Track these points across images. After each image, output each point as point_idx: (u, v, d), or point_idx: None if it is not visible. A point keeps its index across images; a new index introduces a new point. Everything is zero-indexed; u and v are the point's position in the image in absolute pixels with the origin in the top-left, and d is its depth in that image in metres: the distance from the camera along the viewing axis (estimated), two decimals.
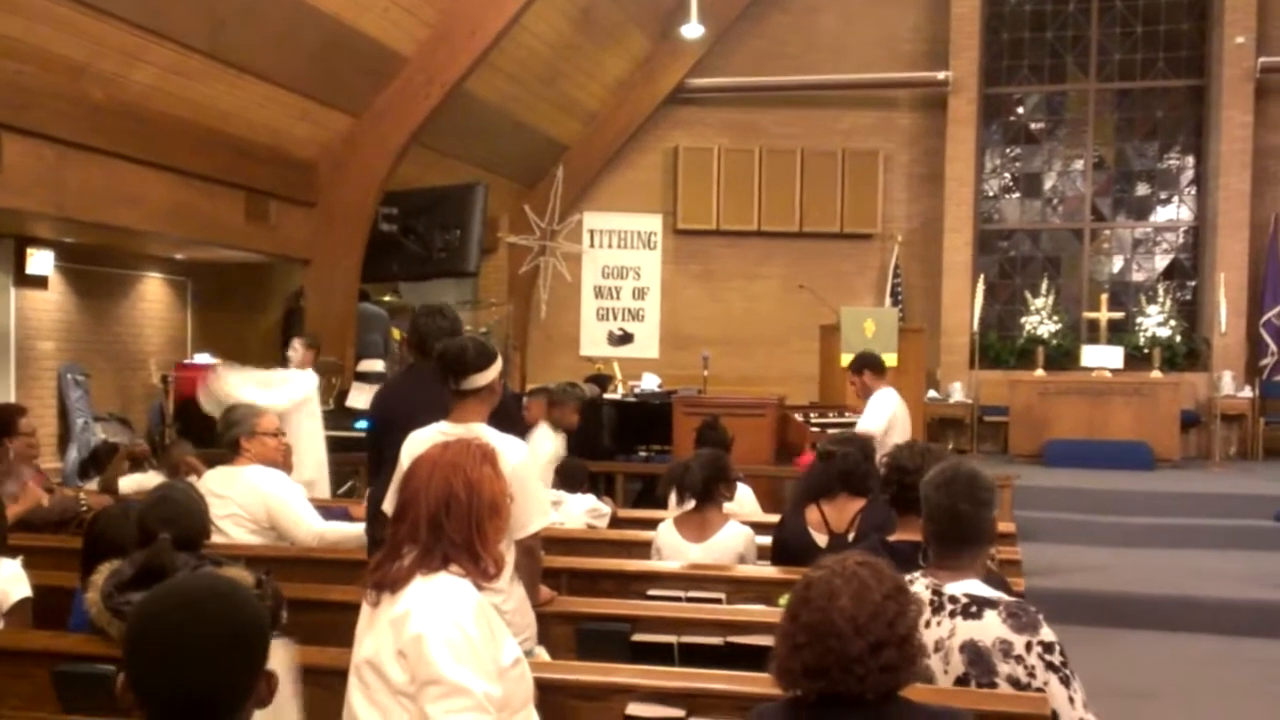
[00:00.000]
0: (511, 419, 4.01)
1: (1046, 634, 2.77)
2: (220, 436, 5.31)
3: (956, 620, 2.80)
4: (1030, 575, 7.45)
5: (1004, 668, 2.74)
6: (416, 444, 3.59)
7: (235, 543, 4.85)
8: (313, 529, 4.98)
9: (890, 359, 10.49)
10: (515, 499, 2.99)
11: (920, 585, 2.89)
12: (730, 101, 14.44)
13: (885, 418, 7.21)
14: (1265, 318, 12.75)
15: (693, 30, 13.07)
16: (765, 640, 3.93)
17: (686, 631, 4.02)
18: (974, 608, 2.80)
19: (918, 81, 13.86)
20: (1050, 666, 2.74)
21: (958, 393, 13.13)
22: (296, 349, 8.30)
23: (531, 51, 11.58)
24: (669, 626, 4.05)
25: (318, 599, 4.09)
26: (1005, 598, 2.85)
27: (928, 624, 2.82)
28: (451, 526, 2.58)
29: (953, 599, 2.83)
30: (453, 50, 9.85)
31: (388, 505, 3.68)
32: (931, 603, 2.84)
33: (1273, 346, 12.72)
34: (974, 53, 13.63)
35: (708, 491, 4.81)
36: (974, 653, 2.76)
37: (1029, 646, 2.74)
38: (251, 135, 9.31)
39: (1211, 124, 13.28)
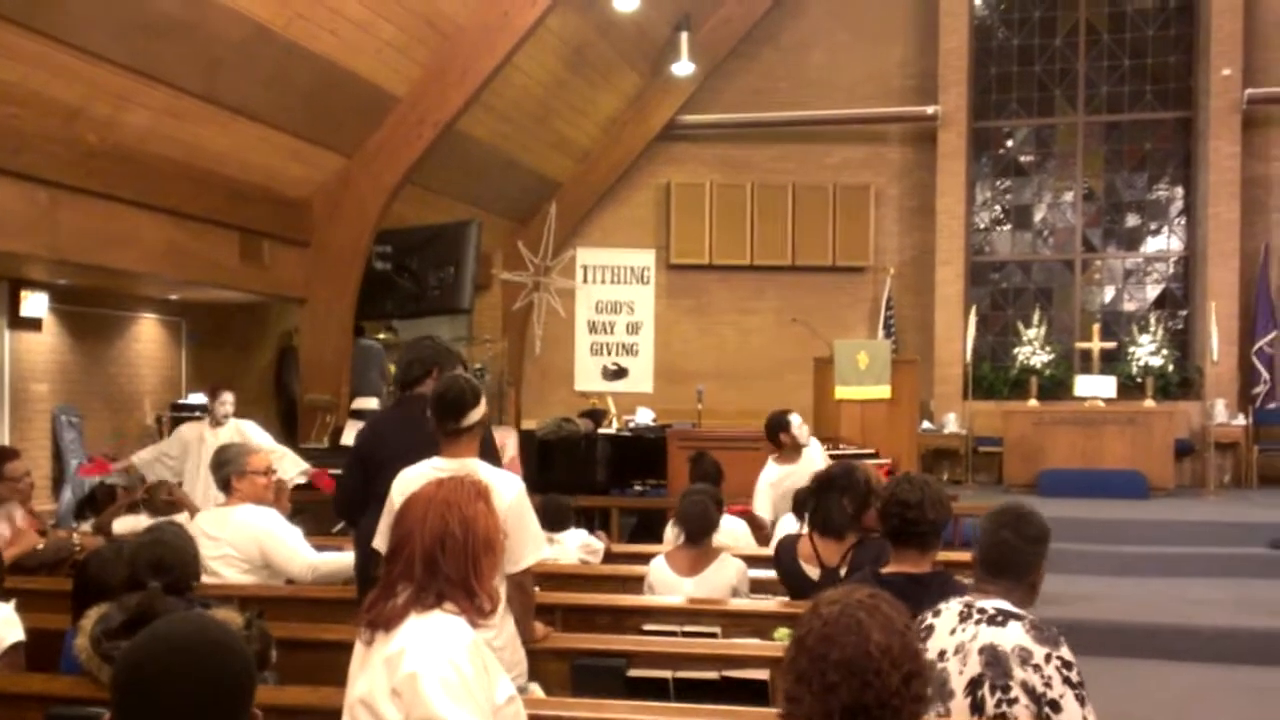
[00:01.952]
0: (492, 454, 4.03)
1: (1066, 652, 2.82)
2: (213, 475, 5.31)
3: (980, 626, 2.87)
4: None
5: (1020, 674, 2.78)
6: (408, 481, 3.61)
7: (227, 583, 4.84)
8: (306, 560, 4.97)
9: (884, 391, 10.59)
10: (510, 534, 2.99)
11: (954, 603, 2.97)
12: (722, 137, 14.55)
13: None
14: (1257, 346, 12.80)
15: (684, 68, 13.21)
16: (761, 674, 3.95)
17: (682, 666, 4.02)
18: (1000, 617, 2.87)
19: (907, 116, 13.98)
20: (1068, 682, 2.77)
21: (952, 424, 13.15)
22: (228, 403, 8.07)
23: (523, 90, 11.68)
24: (664, 661, 4.05)
25: (311, 639, 4.09)
26: (1031, 615, 2.90)
27: (953, 631, 2.90)
28: (447, 564, 2.58)
29: (981, 610, 2.91)
30: (445, 90, 9.93)
31: (379, 542, 3.70)
32: (961, 614, 2.92)
33: (1265, 374, 12.77)
34: (963, 87, 13.75)
35: (698, 526, 4.83)
36: (992, 655, 2.81)
37: (1048, 658, 2.79)
38: (245, 176, 9.37)
39: (1199, 155, 13.38)
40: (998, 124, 14.40)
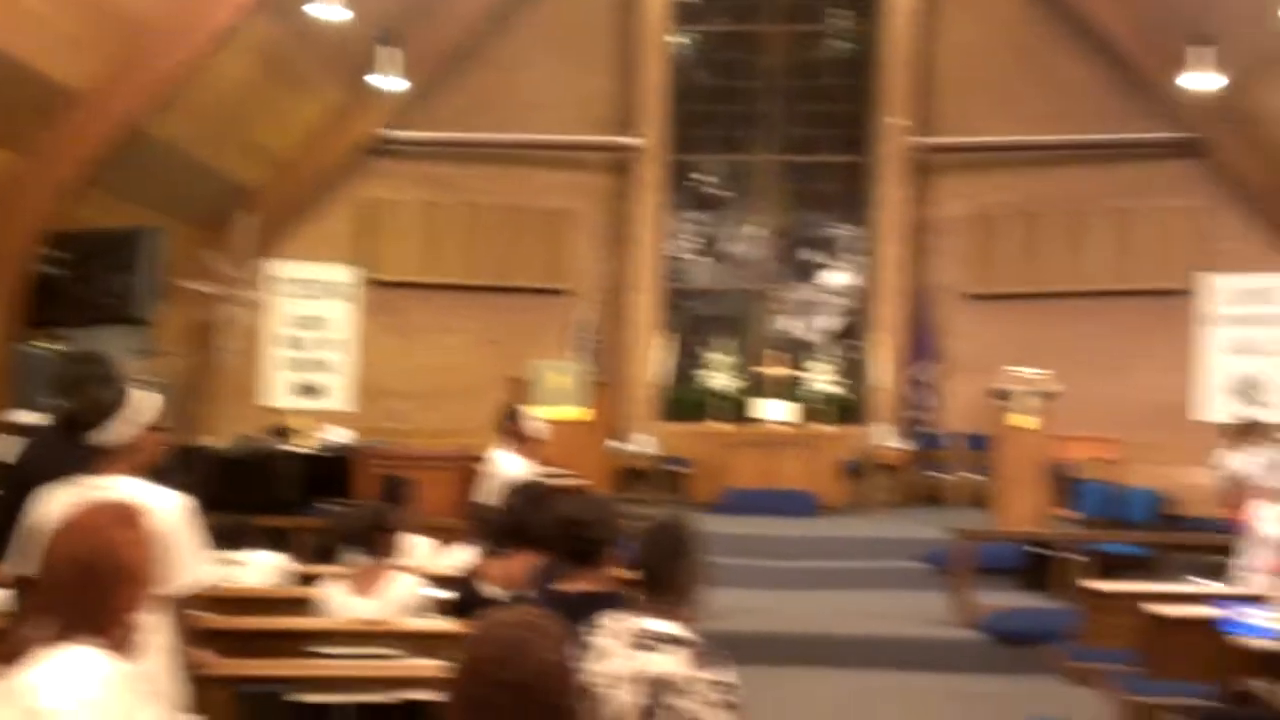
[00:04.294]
0: (167, 472, 3.87)
1: (727, 674, 2.95)
2: None
3: (648, 653, 2.96)
4: (705, 618, 7.81)
5: (682, 702, 2.89)
6: (52, 502, 3.42)
7: None
8: None
9: (580, 412, 10.84)
10: (166, 554, 2.89)
11: (622, 624, 3.04)
12: (428, 155, 14.44)
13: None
14: (916, 376, 13.95)
15: (390, 83, 13.02)
16: (434, 696, 3.96)
17: (352, 690, 4.00)
18: (667, 642, 2.96)
19: (609, 145, 14.38)
20: (725, 705, 2.91)
21: (643, 444, 13.56)
22: None
23: (218, 94, 11.21)
24: (335, 685, 4.02)
25: None
26: (695, 638, 3.02)
27: (621, 656, 2.97)
28: (84, 593, 2.46)
29: (646, 633, 2.99)
30: (131, 88, 9.43)
31: (21, 566, 3.49)
32: (629, 637, 3.00)
33: (922, 402, 13.92)
34: (662, 121, 14.29)
35: (370, 544, 4.80)
36: (659, 684, 2.91)
37: (709, 684, 2.91)
38: None
39: (874, 198, 14.46)
40: (693, 158, 15.02)
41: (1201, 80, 10.84)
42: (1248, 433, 10.18)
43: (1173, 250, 13.28)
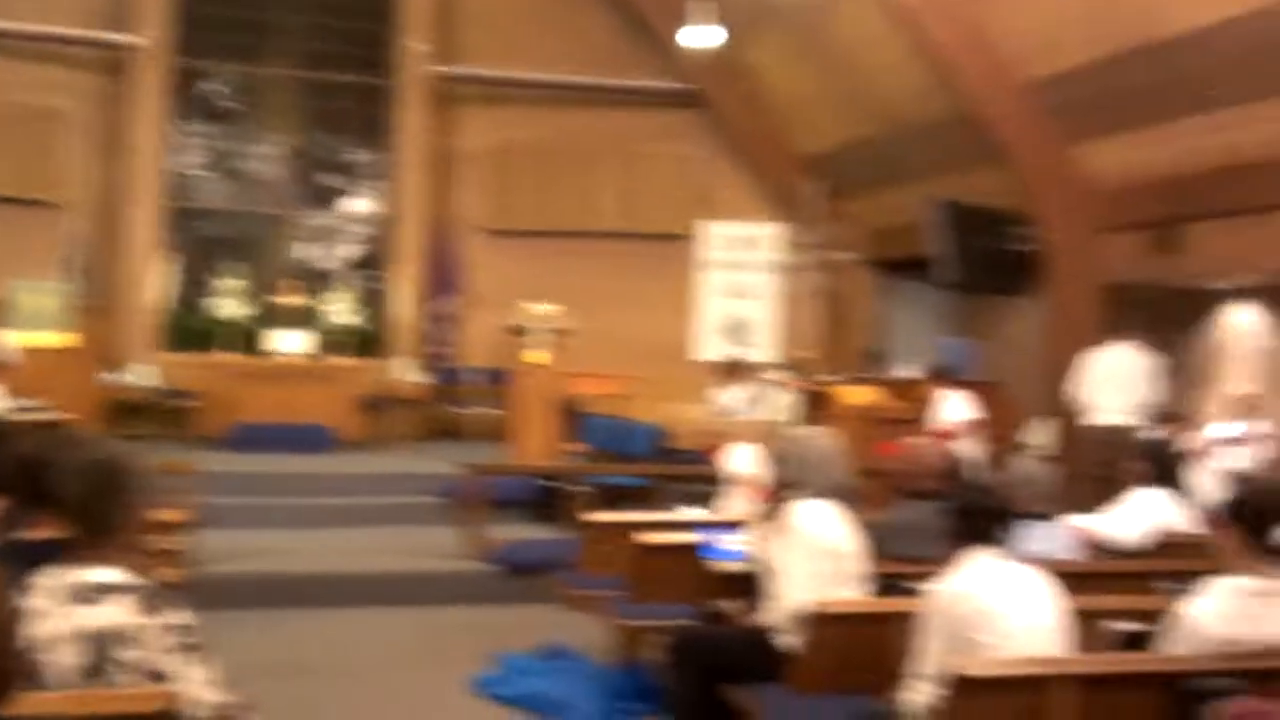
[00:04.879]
0: None
1: (178, 617, 2.78)
2: None
3: (88, 608, 2.72)
4: (210, 562, 7.41)
5: (133, 653, 2.71)
6: None
7: None
8: None
9: (65, 338, 9.84)
10: None
11: (57, 577, 2.76)
12: None
13: None
14: (435, 309, 13.92)
15: None
16: None
17: None
18: (105, 593, 2.74)
19: (102, 42, 12.98)
20: (178, 648, 2.76)
21: (142, 375, 12.50)
22: None
23: None
24: None
25: None
26: (141, 583, 2.80)
27: (57, 615, 2.71)
28: None
29: (87, 586, 2.74)
30: None
31: None
32: (64, 592, 2.73)
33: (442, 336, 13.94)
34: (167, 21, 13.09)
35: None
36: (103, 639, 2.70)
37: (158, 630, 2.74)
38: None
39: (395, 123, 14.12)
40: (203, 65, 13.88)
41: (701, 34, 11.47)
42: (735, 371, 11.15)
43: (675, 196, 14.26)
